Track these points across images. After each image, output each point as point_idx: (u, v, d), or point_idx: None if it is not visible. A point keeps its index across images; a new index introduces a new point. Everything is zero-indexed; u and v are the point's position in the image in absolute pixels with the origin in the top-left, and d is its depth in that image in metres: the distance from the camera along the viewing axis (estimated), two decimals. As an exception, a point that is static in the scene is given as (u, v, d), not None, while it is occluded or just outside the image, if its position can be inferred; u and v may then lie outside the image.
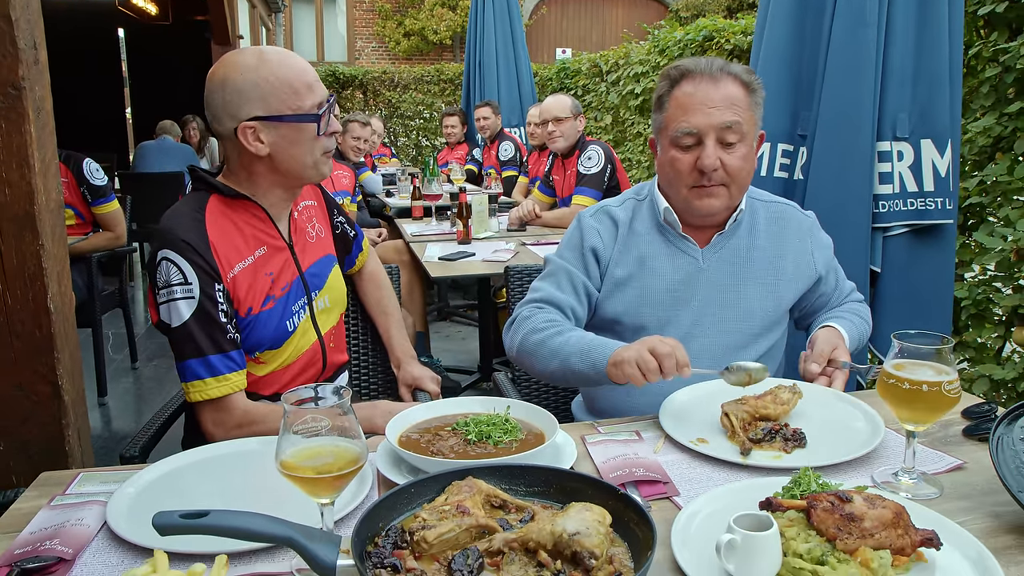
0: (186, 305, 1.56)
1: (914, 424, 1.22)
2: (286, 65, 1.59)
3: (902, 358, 1.22)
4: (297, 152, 1.62)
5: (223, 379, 1.59)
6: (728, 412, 1.42)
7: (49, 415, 2.40)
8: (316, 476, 1.04)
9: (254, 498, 1.25)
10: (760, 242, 1.74)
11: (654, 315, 1.72)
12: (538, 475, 1.16)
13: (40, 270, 2.31)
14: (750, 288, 1.72)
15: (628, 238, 1.76)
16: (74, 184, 4.06)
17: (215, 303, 1.58)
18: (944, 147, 2.38)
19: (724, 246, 1.74)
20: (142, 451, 1.79)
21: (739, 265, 1.73)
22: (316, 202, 1.93)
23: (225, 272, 1.61)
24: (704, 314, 1.71)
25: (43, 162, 2.34)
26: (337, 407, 1.05)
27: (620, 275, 1.75)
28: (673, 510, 1.18)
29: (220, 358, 1.58)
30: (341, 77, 11.03)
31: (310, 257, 1.80)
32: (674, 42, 5.00)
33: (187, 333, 1.56)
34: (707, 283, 1.72)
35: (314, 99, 1.60)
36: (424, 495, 1.12)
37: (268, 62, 1.58)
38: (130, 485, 1.28)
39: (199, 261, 1.57)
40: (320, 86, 1.63)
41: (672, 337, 1.46)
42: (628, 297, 1.74)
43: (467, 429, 1.37)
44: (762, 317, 1.72)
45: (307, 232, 1.84)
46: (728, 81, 1.62)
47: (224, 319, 1.59)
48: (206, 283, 1.57)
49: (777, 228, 1.76)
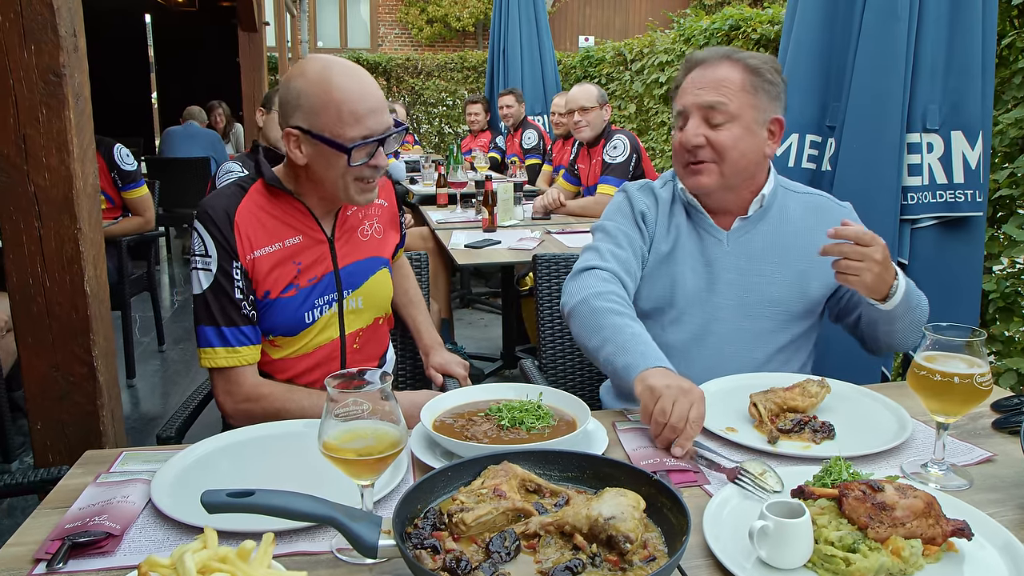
0: (204, 276, 1.64)
1: (944, 416, 1.23)
2: (344, 88, 1.55)
3: (934, 350, 1.23)
4: (330, 174, 1.62)
5: (233, 351, 1.65)
6: (756, 402, 1.44)
7: (84, 395, 2.46)
8: (357, 458, 1.07)
9: (294, 479, 1.28)
10: (793, 230, 1.75)
11: (683, 295, 1.74)
12: (572, 460, 1.18)
13: (77, 253, 2.36)
14: (777, 275, 1.73)
15: (668, 218, 1.81)
16: (105, 169, 4.12)
17: (231, 279, 1.64)
18: (975, 139, 2.37)
19: (751, 231, 1.75)
20: (178, 432, 1.83)
21: (766, 251, 1.74)
22: (387, 202, 1.92)
23: (244, 252, 1.65)
24: (729, 298, 1.73)
25: (81, 148, 2.38)
26: (379, 391, 1.08)
27: (663, 250, 1.78)
28: (704, 497, 1.20)
29: (232, 331, 1.65)
30: (364, 64, 11.06)
31: (353, 255, 1.79)
32: (699, 31, 4.97)
33: (204, 302, 1.65)
34: (731, 266, 1.74)
35: (359, 131, 1.56)
36: (461, 479, 1.15)
37: (328, 79, 1.56)
38: (172, 465, 1.32)
39: (218, 236, 1.63)
40: (374, 119, 1.57)
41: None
42: (663, 274, 1.76)
43: (500, 415, 1.40)
44: (788, 305, 1.72)
45: (359, 230, 1.82)
46: (725, 65, 1.66)
47: (240, 296, 1.65)
48: (224, 258, 1.63)
49: (815, 219, 1.76)
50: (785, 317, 1.73)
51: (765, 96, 1.67)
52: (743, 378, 1.63)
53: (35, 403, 2.33)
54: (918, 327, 1.66)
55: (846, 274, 1.49)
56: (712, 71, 1.67)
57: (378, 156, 1.62)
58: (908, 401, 1.46)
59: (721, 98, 1.64)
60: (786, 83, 1.72)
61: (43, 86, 2.17)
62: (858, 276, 1.48)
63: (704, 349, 1.73)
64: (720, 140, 1.65)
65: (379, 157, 1.62)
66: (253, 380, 1.68)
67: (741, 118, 1.65)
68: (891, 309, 1.57)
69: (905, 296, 1.57)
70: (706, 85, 1.66)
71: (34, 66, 2.14)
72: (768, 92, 1.67)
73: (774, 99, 1.68)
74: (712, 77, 1.66)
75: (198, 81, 9.12)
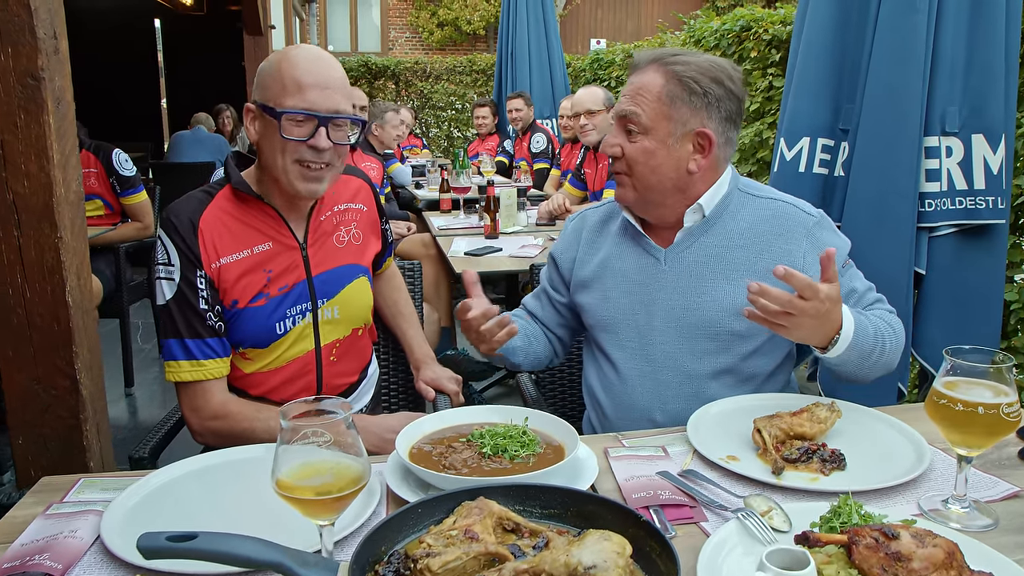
0: (168, 286, 1.58)
1: (967, 449, 1.12)
2: (294, 60, 1.52)
3: (955, 375, 1.11)
4: (269, 149, 1.57)
5: (198, 364, 1.58)
6: (760, 428, 1.33)
7: (67, 409, 2.38)
8: (316, 498, 0.97)
9: (259, 511, 1.18)
10: (739, 241, 1.60)
11: (616, 318, 1.67)
12: (554, 496, 1.08)
13: (59, 263, 2.28)
14: (720, 292, 1.58)
15: (596, 239, 1.75)
16: (103, 175, 4.09)
17: (195, 289, 1.57)
18: (997, 143, 2.24)
19: (692, 245, 1.62)
20: (152, 453, 1.75)
21: (707, 266, 1.60)
22: (365, 207, 1.83)
23: (209, 260, 1.58)
24: (664, 318, 1.61)
25: (62, 154, 2.30)
26: (338, 421, 0.98)
27: (583, 277, 1.74)
28: (700, 536, 1.10)
29: (197, 343, 1.57)
30: (373, 68, 11.01)
31: (328, 263, 1.71)
32: (710, 32, 4.85)
33: (168, 313, 1.58)
34: (667, 285, 1.62)
35: (296, 101, 1.50)
36: (432, 516, 1.06)
37: (285, 54, 1.55)
38: (129, 495, 1.23)
39: (181, 244, 1.57)
40: (318, 94, 1.51)
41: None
42: (592, 300, 1.71)
43: (482, 441, 1.30)
44: (732, 323, 1.57)
45: (335, 236, 1.74)
46: (651, 71, 1.57)
47: (205, 306, 1.58)
48: (187, 268, 1.57)
49: (766, 227, 1.60)
50: (728, 338, 1.58)
51: (685, 107, 1.53)
52: (746, 399, 1.52)
53: (16, 417, 2.26)
54: (881, 369, 1.50)
55: (770, 322, 1.30)
56: (639, 76, 1.58)
57: (319, 136, 1.53)
58: (925, 426, 1.33)
59: (635, 108, 1.55)
60: (732, 92, 1.56)
61: (21, 90, 2.09)
62: (786, 327, 1.30)
63: (648, 375, 1.63)
64: (631, 152, 1.57)
65: (319, 138, 1.53)
66: (221, 396, 1.61)
67: (654, 131, 1.55)
68: (830, 357, 1.41)
69: (851, 349, 1.39)
70: (629, 92, 1.58)
71: (11, 69, 2.07)
72: (691, 103, 1.53)
73: (699, 110, 1.54)
74: (637, 83, 1.58)
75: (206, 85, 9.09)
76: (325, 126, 1.53)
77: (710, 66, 1.56)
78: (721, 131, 1.57)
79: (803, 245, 1.57)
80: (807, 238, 1.58)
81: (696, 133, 1.56)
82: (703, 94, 1.54)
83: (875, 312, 1.57)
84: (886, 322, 1.54)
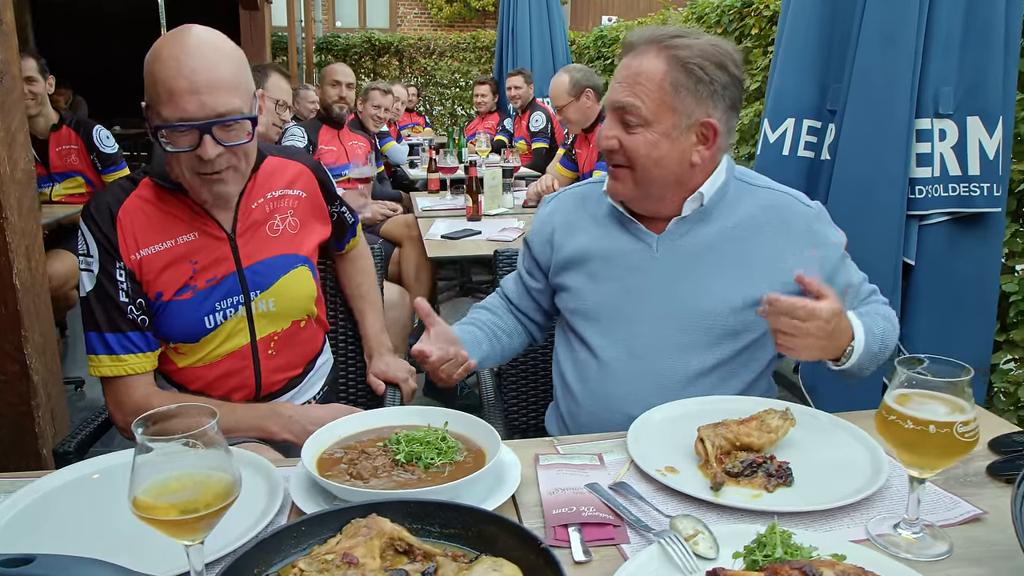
0: (88, 278, 1.52)
1: (919, 470, 1.00)
2: (165, 61, 1.37)
3: (908, 387, 1.00)
4: (170, 159, 1.46)
5: (117, 360, 1.52)
6: (704, 438, 1.21)
7: (16, 395, 2.31)
8: (180, 517, 0.87)
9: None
10: (735, 232, 1.50)
11: (600, 303, 1.55)
12: (454, 516, 0.98)
13: (4, 245, 2.19)
14: (712, 283, 1.49)
15: (575, 220, 1.62)
16: (84, 151, 4.06)
17: (114, 281, 1.51)
18: (994, 126, 2.09)
19: (686, 234, 1.52)
20: (78, 448, 1.66)
21: (701, 257, 1.50)
22: (305, 192, 1.71)
23: (128, 251, 1.51)
24: (656, 308, 1.51)
25: (8, 131, 2.21)
26: (204, 430, 0.88)
27: (564, 258, 1.62)
28: (619, 561, 0.99)
29: (117, 337, 1.52)
30: (377, 44, 10.84)
31: (260, 253, 1.61)
32: (711, 8, 4.68)
33: (88, 306, 1.53)
34: (660, 274, 1.51)
35: (171, 112, 1.37)
36: (316, 535, 0.96)
37: (158, 51, 1.40)
38: (15, 501, 1.14)
39: (99, 236, 1.51)
40: (192, 101, 1.36)
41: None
42: (575, 282, 1.59)
43: (397, 447, 1.19)
44: (723, 317, 1.48)
45: (268, 225, 1.64)
46: (650, 54, 1.42)
47: (125, 299, 1.52)
48: (106, 259, 1.51)
49: (765, 218, 1.51)
50: (721, 331, 1.48)
51: (690, 97, 1.41)
52: (695, 403, 1.40)
53: (-36, 401, 2.17)
54: (878, 364, 1.46)
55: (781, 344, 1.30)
56: (637, 60, 1.43)
57: (203, 146, 1.39)
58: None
59: (634, 99, 1.42)
60: (736, 79, 1.45)
61: (-43, 65, 1.99)
62: (793, 349, 1.28)
63: (630, 365, 1.52)
64: (631, 145, 1.44)
65: (204, 147, 1.40)
66: (144, 391, 1.53)
67: (657, 123, 1.42)
68: (841, 368, 1.39)
69: (862, 356, 1.37)
70: (625, 79, 1.44)
71: (-54, 44, 1.96)
72: (696, 92, 1.41)
73: (704, 99, 1.42)
74: (634, 68, 1.43)
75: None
76: (208, 132, 1.40)
77: (714, 50, 1.43)
78: (725, 120, 1.46)
79: (799, 237, 1.51)
80: (806, 232, 1.51)
81: (700, 124, 1.44)
82: (709, 82, 1.42)
83: (873, 307, 1.53)
84: (884, 316, 1.51)
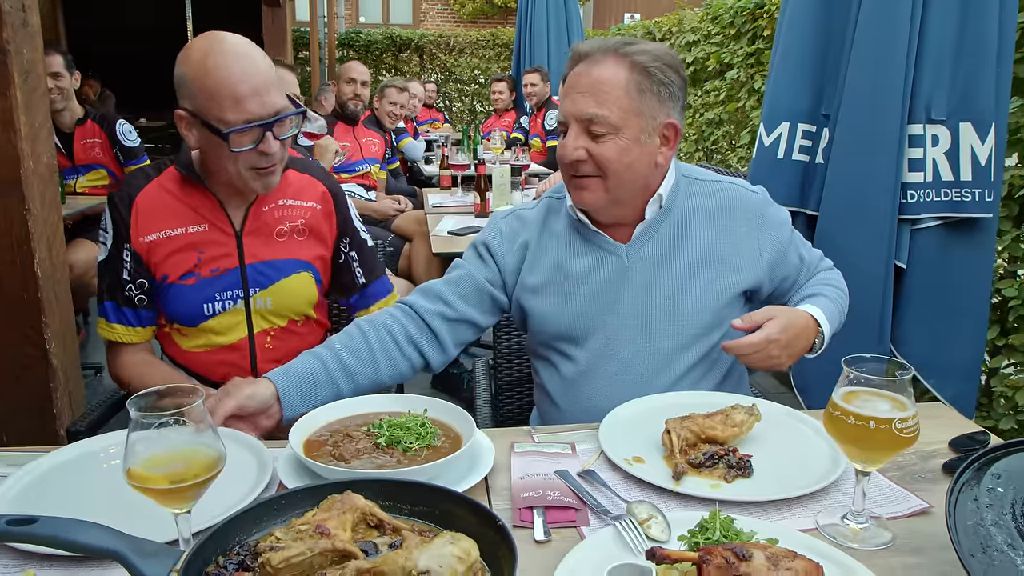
0: (103, 250, 1.68)
1: (863, 464, 1.06)
2: (221, 69, 1.47)
3: (854, 386, 1.05)
4: (219, 159, 1.56)
5: (108, 325, 1.69)
6: (670, 430, 1.27)
7: (36, 379, 2.43)
8: (170, 487, 0.95)
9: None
10: (697, 229, 1.55)
11: (579, 322, 1.56)
12: (422, 494, 1.05)
13: (27, 235, 2.30)
14: (685, 284, 1.53)
15: (542, 241, 1.61)
16: (107, 145, 4.17)
17: (121, 260, 1.65)
18: (986, 132, 2.13)
19: (651, 238, 1.55)
20: (90, 427, 1.76)
21: (670, 258, 1.54)
22: (320, 205, 1.76)
23: (138, 235, 1.64)
24: (633, 317, 1.54)
25: (32, 127, 2.32)
26: (192, 408, 0.96)
27: (535, 282, 1.59)
28: (577, 540, 1.06)
29: (112, 305, 1.68)
30: (398, 40, 10.93)
31: (266, 254, 1.70)
32: (725, 9, 4.71)
33: (101, 274, 1.70)
34: (634, 283, 1.55)
35: (238, 115, 1.48)
36: (294, 509, 1.03)
37: (205, 61, 1.48)
38: (27, 472, 1.23)
39: (116, 217, 1.65)
40: (256, 101, 1.47)
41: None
42: (548, 306, 1.58)
43: (379, 432, 1.27)
44: (700, 316, 1.53)
45: (276, 227, 1.71)
46: (610, 62, 1.44)
47: (127, 277, 1.66)
48: (117, 239, 1.65)
49: (719, 211, 1.56)
50: (698, 330, 1.53)
51: (654, 100, 1.45)
52: (670, 397, 1.46)
53: (-12, 383, 2.28)
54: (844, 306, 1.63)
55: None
56: (596, 68, 1.44)
57: (267, 142, 1.52)
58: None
59: (600, 109, 1.42)
60: (685, 81, 1.50)
61: (-17, 64, 2.10)
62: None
63: (612, 374, 1.55)
64: (602, 154, 1.44)
65: (268, 143, 1.52)
66: (130, 359, 1.71)
67: (626, 129, 1.44)
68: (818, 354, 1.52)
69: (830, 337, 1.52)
70: (586, 89, 1.43)
71: (-28, 43, 2.06)
72: (658, 94, 1.45)
73: (665, 101, 1.46)
74: (595, 77, 1.43)
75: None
76: (271, 130, 1.53)
77: (665, 54, 1.48)
78: (681, 121, 1.52)
79: (756, 224, 1.58)
80: (758, 217, 1.59)
81: (664, 125, 1.48)
82: (668, 84, 1.47)
83: (821, 278, 1.63)
84: (833, 285, 1.61)
